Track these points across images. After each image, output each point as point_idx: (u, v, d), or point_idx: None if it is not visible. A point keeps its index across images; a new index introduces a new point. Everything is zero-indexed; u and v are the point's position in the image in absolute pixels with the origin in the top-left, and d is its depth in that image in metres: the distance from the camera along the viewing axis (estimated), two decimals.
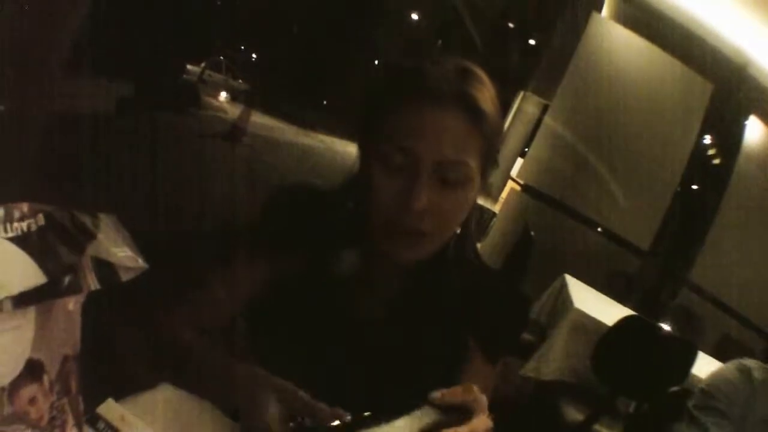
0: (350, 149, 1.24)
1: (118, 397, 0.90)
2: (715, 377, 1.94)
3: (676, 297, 7.63)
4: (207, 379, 1.06)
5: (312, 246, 1.20)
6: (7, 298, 0.47)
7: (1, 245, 0.48)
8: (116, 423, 0.84)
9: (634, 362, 3.21)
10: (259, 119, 10.71)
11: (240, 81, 13.99)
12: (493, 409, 1.00)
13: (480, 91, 1.09)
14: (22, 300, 0.49)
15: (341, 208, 1.22)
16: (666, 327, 3.93)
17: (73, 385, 0.63)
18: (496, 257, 5.90)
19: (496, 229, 7.15)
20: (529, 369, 3.79)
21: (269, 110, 12.19)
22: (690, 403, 1.90)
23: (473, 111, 1.07)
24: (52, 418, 0.59)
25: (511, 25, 12.82)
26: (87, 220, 0.55)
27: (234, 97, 12.85)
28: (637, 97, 6.81)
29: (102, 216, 0.56)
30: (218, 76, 13.53)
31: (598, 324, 3.63)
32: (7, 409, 0.52)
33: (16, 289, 0.48)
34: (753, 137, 7.64)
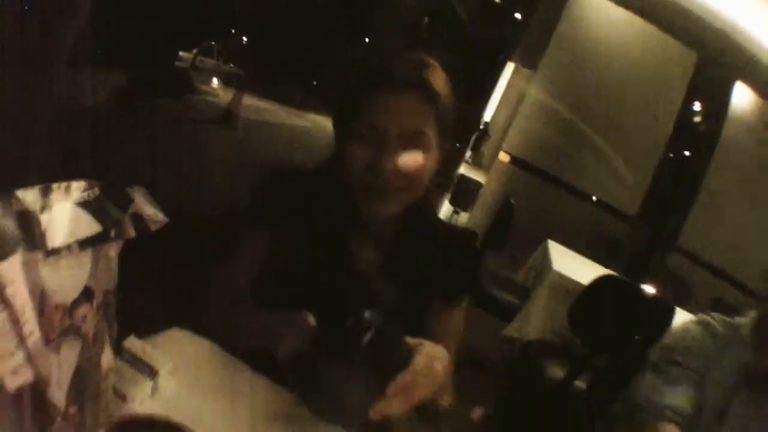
0: None
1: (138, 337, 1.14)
2: (678, 332, 1.96)
3: (665, 261, 7.77)
4: (250, 323, 1.33)
5: (302, 218, 1.45)
6: (75, 242, 0.71)
7: (72, 207, 0.71)
8: (139, 354, 1.07)
9: (609, 320, 3.29)
10: (251, 102, 10.82)
11: (231, 65, 14.08)
12: (482, 371, 1.23)
13: (434, 77, 1.38)
14: (84, 244, 0.72)
15: (324, 182, 1.47)
16: (651, 289, 4.06)
17: (111, 313, 0.86)
18: (482, 225, 6.05)
19: (482, 198, 7.32)
20: (512, 329, 3.99)
21: (260, 93, 12.29)
22: (653, 356, 1.92)
23: (428, 92, 1.35)
24: (95, 335, 0.82)
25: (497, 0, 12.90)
26: (128, 190, 0.79)
27: (226, 82, 12.95)
28: (619, 66, 6.94)
29: (136, 187, 0.81)
30: (210, 61, 13.63)
31: (578, 285, 3.76)
32: (67, 322, 0.75)
33: (81, 236, 0.72)
34: (740, 103, 7.75)
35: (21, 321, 0.65)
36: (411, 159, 1.35)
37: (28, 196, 0.65)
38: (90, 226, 0.73)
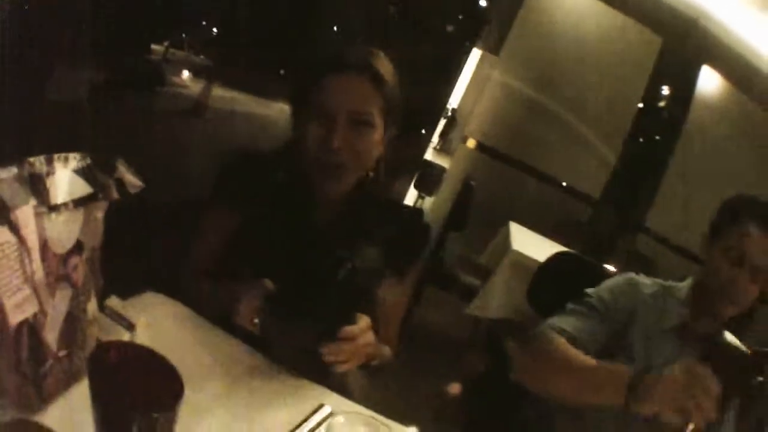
0: None
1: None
2: (602, 284, 2.02)
3: (631, 243, 7.80)
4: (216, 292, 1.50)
5: (263, 198, 1.60)
6: (71, 200, 0.87)
7: (70, 173, 0.88)
8: (119, 310, 1.23)
9: (566, 296, 3.37)
10: (221, 93, 10.86)
11: (202, 57, 14.07)
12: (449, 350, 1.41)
13: (381, 65, 1.56)
14: (78, 203, 0.89)
15: (283, 163, 1.63)
16: (612, 268, 4.12)
17: (96, 267, 1.03)
18: (446, 209, 6.08)
19: (446, 184, 7.41)
20: (474, 308, 4.07)
21: (229, 83, 12.31)
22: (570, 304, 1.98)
23: (375, 77, 1.53)
24: (84, 284, 0.99)
25: None
26: (112, 161, 0.96)
27: (196, 73, 12.95)
28: (583, 51, 6.98)
29: (120, 160, 0.98)
30: (180, 53, 13.62)
31: (537, 264, 3.53)
32: (62, 270, 0.92)
33: (76, 196, 0.88)
34: (706, 86, 7.74)
35: (31, 258, 0.82)
36: (358, 136, 1.51)
37: (37, 163, 0.82)
38: (83, 189, 0.90)
